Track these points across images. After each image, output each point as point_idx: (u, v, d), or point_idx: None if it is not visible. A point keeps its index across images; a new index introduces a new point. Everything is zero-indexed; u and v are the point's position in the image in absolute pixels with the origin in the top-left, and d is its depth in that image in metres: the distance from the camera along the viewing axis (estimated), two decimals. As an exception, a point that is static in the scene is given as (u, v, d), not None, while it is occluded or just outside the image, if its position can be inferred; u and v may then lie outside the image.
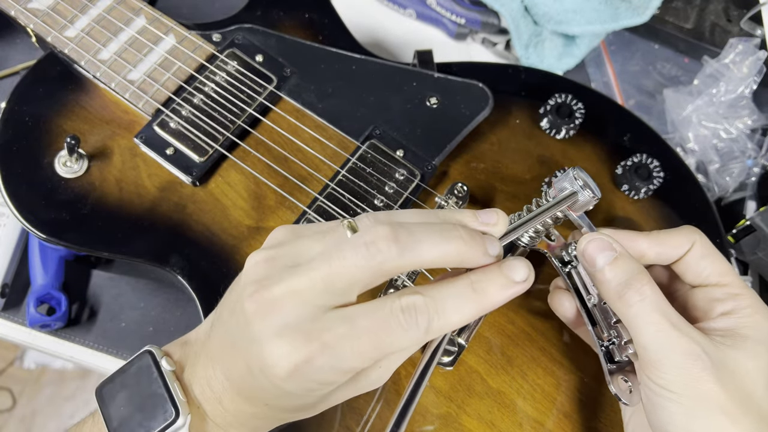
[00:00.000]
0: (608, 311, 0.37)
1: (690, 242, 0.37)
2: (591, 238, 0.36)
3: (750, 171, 0.60)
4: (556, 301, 0.40)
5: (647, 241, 0.37)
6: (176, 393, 0.33)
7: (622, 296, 0.34)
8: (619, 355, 0.36)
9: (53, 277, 0.53)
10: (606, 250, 0.35)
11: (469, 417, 0.42)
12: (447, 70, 0.54)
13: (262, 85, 0.51)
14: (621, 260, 0.35)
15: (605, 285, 0.35)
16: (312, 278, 0.29)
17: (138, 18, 0.52)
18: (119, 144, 0.49)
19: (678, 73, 0.68)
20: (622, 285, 0.34)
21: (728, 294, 0.36)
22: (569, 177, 0.37)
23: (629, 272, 0.34)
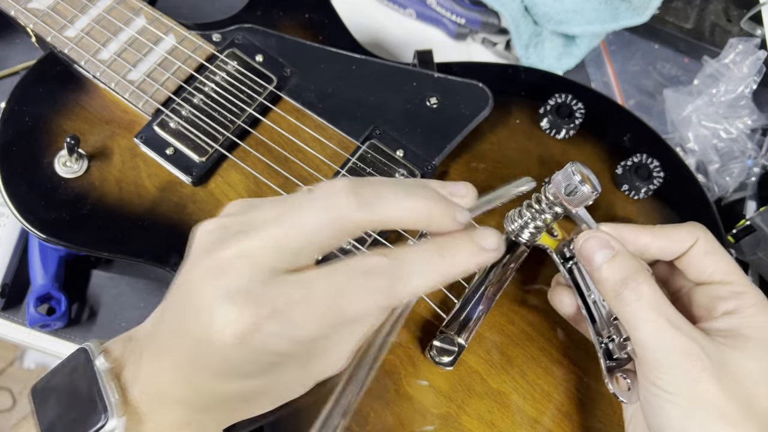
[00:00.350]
0: (608, 309, 0.37)
1: (693, 238, 0.36)
2: (588, 236, 0.35)
3: (750, 171, 0.60)
4: (556, 297, 0.40)
5: (650, 234, 0.37)
6: (109, 393, 0.31)
7: (618, 294, 0.33)
8: (618, 352, 0.36)
9: (53, 277, 0.53)
10: (604, 248, 0.35)
11: (469, 417, 0.42)
12: (447, 70, 0.54)
13: (262, 85, 0.51)
14: (618, 258, 0.34)
15: (602, 283, 0.34)
16: (263, 239, 0.27)
17: (138, 18, 0.52)
18: (119, 144, 0.49)
19: (678, 73, 0.69)
20: (619, 283, 0.33)
21: (732, 292, 0.35)
22: (567, 171, 0.37)
23: (626, 270, 0.34)
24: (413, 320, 0.45)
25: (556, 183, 0.38)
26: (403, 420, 0.42)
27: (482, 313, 0.43)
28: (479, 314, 0.43)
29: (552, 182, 0.38)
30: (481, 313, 0.43)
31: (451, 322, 0.43)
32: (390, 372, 0.43)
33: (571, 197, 0.37)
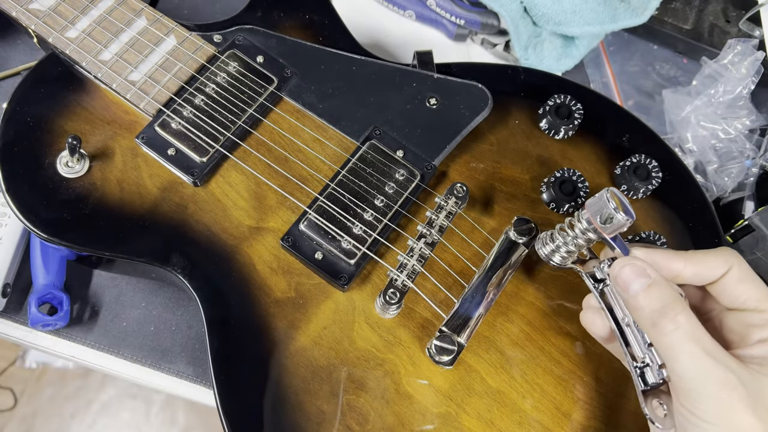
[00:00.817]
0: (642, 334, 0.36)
1: (727, 265, 0.36)
2: (625, 263, 0.35)
3: (748, 171, 0.60)
4: (588, 319, 0.40)
5: (683, 260, 0.37)
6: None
7: (656, 324, 0.33)
8: (654, 377, 0.35)
9: (55, 277, 0.53)
10: (640, 277, 0.35)
11: (468, 416, 0.42)
12: (446, 71, 0.54)
13: (262, 86, 0.51)
14: (655, 287, 0.34)
15: (639, 312, 0.34)
16: None
17: (139, 19, 0.52)
18: (120, 144, 0.49)
19: (677, 73, 0.69)
20: (657, 313, 0.33)
21: (766, 320, 0.35)
22: (602, 198, 0.37)
23: (664, 299, 0.34)
24: (413, 320, 0.45)
25: (591, 210, 0.37)
26: (403, 419, 0.42)
27: (482, 312, 0.43)
28: (479, 314, 0.43)
29: (586, 208, 0.38)
30: (481, 312, 0.43)
31: (451, 322, 0.43)
32: (390, 371, 0.43)
33: (606, 225, 0.37)
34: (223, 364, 0.43)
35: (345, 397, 0.42)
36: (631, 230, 0.49)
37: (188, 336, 0.54)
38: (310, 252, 0.46)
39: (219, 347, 0.43)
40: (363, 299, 0.45)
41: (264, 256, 0.46)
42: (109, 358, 0.54)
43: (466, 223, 0.48)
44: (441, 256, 0.47)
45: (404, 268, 0.44)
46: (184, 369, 0.54)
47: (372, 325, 0.45)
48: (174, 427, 1.31)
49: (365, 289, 0.46)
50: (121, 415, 1.31)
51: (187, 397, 0.56)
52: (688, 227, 0.50)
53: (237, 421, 0.41)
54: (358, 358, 0.43)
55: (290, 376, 0.43)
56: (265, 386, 0.42)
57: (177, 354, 0.54)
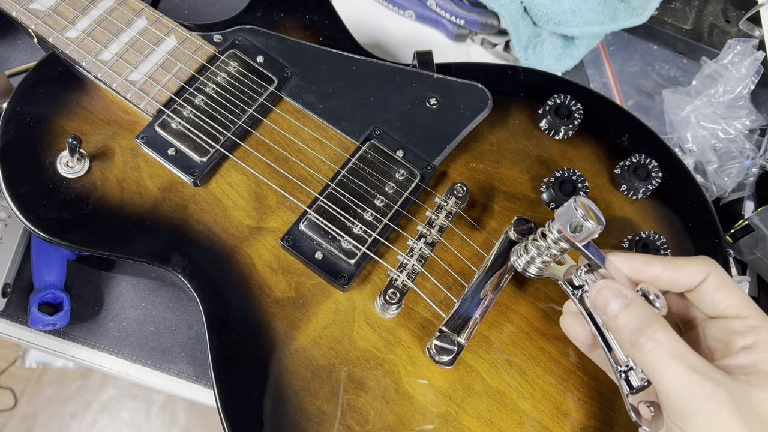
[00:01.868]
0: None
1: (704, 273, 0.36)
2: (600, 286, 0.35)
3: (748, 171, 0.60)
4: (568, 324, 0.40)
5: (661, 265, 0.37)
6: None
7: (635, 343, 0.33)
8: (638, 380, 0.35)
9: (56, 278, 0.53)
10: (616, 297, 0.35)
11: (468, 416, 0.42)
12: (446, 71, 0.54)
13: (262, 86, 0.51)
14: (632, 306, 0.34)
15: (618, 333, 0.34)
16: None
17: (139, 19, 0.52)
18: (121, 144, 0.49)
19: (676, 73, 0.69)
20: (635, 332, 0.33)
21: (748, 327, 0.35)
22: (570, 208, 0.37)
23: (640, 318, 0.34)
24: (413, 320, 0.45)
25: (561, 220, 0.37)
26: (403, 419, 0.42)
27: (482, 312, 0.43)
28: (479, 314, 0.43)
29: (556, 219, 0.38)
30: (481, 312, 0.43)
31: (451, 322, 0.43)
32: (390, 371, 0.43)
33: (577, 234, 0.37)
34: (223, 364, 0.43)
35: (345, 396, 0.42)
36: (630, 230, 0.49)
37: (188, 336, 0.54)
38: (310, 252, 0.46)
39: (219, 347, 0.43)
40: (363, 299, 0.45)
41: (264, 256, 0.46)
42: (109, 358, 0.54)
43: (466, 223, 0.48)
44: (441, 256, 0.47)
45: (404, 268, 0.44)
46: (184, 369, 0.54)
47: (372, 324, 0.45)
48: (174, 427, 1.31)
49: (365, 289, 0.46)
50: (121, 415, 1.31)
51: (187, 397, 0.56)
52: (687, 227, 0.50)
53: (237, 421, 0.41)
54: (358, 357, 0.43)
55: (290, 375, 0.43)
56: (265, 386, 0.42)
57: (177, 354, 0.54)
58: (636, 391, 0.36)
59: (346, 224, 0.46)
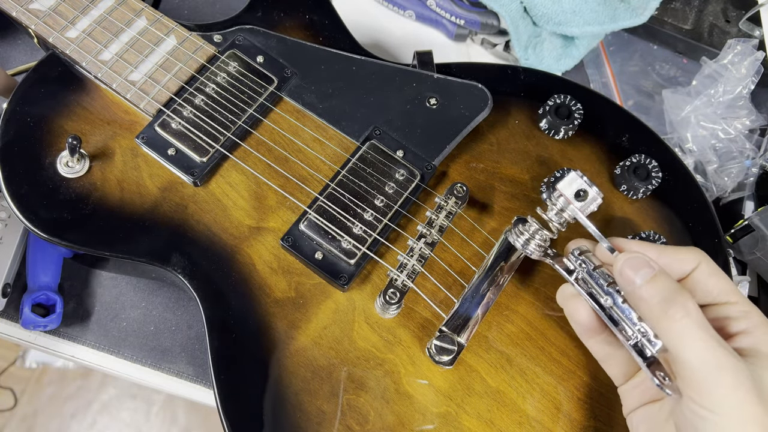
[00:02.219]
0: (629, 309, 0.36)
1: (697, 260, 0.37)
2: (627, 257, 0.35)
3: (748, 171, 0.60)
4: (571, 308, 0.40)
5: (657, 252, 0.37)
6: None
7: (665, 312, 0.33)
8: (651, 349, 0.35)
9: (50, 279, 0.53)
10: (644, 267, 0.35)
11: (468, 416, 0.42)
12: (446, 71, 0.54)
13: (262, 86, 0.51)
14: (660, 277, 0.34)
15: (645, 303, 0.34)
16: None
17: (139, 19, 0.52)
18: (121, 144, 0.49)
19: (676, 73, 0.69)
20: (665, 301, 0.33)
21: (741, 312, 0.35)
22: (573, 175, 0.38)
23: (670, 288, 0.34)
24: (413, 320, 0.45)
25: (564, 188, 0.38)
26: (403, 419, 0.42)
27: (482, 312, 0.43)
28: (479, 314, 0.43)
29: (558, 189, 0.39)
30: (481, 312, 0.43)
31: (451, 322, 0.43)
32: (390, 371, 0.43)
33: (581, 201, 0.38)
34: (223, 364, 0.43)
35: (345, 396, 0.42)
36: (631, 230, 0.49)
37: (188, 336, 0.54)
38: (310, 252, 0.46)
39: (219, 347, 0.43)
40: (363, 299, 0.45)
41: (264, 256, 0.46)
42: (109, 358, 0.54)
43: (466, 223, 0.48)
44: (441, 256, 0.47)
45: (404, 268, 0.44)
46: (184, 369, 0.54)
47: (372, 324, 0.45)
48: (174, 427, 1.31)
49: (365, 289, 0.46)
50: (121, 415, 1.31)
51: (187, 397, 0.56)
52: (687, 227, 0.50)
53: (237, 421, 0.41)
54: (358, 357, 0.43)
55: (290, 375, 0.43)
56: (265, 386, 0.42)
57: (177, 354, 0.54)
58: (652, 361, 0.36)
59: (346, 224, 0.46)
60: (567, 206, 0.39)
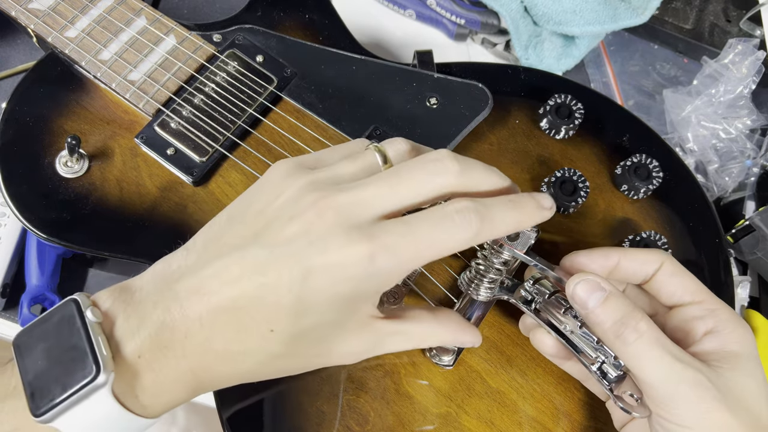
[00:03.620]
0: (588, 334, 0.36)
1: (659, 261, 0.37)
2: (578, 280, 0.35)
3: (749, 171, 0.60)
4: (538, 340, 0.40)
5: (618, 253, 0.37)
6: (99, 347, 0.30)
7: (619, 335, 0.33)
8: (614, 371, 0.36)
9: (49, 278, 0.53)
10: (596, 291, 0.35)
11: (468, 416, 0.42)
12: (447, 71, 0.54)
13: (262, 86, 0.51)
14: (612, 298, 0.34)
15: (600, 326, 0.34)
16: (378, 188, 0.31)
17: (139, 19, 0.52)
18: (120, 144, 0.49)
19: (677, 73, 0.69)
20: (618, 324, 0.34)
21: (706, 310, 0.35)
22: None
23: (622, 309, 0.34)
24: (413, 320, 0.45)
25: None
26: (403, 419, 0.42)
27: (482, 313, 0.43)
28: (479, 314, 0.43)
29: None
30: (481, 313, 0.43)
31: (451, 322, 0.43)
32: (390, 372, 0.43)
33: (514, 241, 0.38)
34: (223, 364, 0.43)
35: (345, 397, 0.42)
36: (631, 230, 0.49)
37: (188, 336, 0.54)
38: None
39: (219, 347, 0.43)
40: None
41: (264, 256, 0.46)
42: (109, 359, 0.54)
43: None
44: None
45: (404, 268, 0.44)
46: (184, 369, 0.54)
47: (372, 325, 0.44)
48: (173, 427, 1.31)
49: (365, 289, 0.46)
50: (121, 415, 1.31)
51: (187, 397, 0.56)
52: (688, 227, 0.50)
53: (237, 421, 0.41)
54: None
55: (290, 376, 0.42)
56: (265, 387, 0.42)
57: (176, 354, 0.54)
58: (616, 382, 0.36)
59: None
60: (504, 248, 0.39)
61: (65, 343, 0.31)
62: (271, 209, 0.32)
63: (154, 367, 0.32)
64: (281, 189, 0.33)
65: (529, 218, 0.34)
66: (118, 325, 0.32)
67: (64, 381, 0.30)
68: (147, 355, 0.31)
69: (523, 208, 0.34)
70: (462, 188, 0.33)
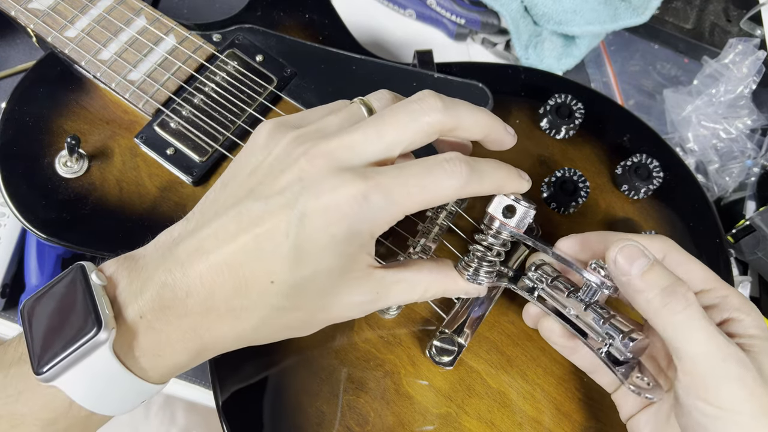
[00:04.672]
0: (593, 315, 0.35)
1: (664, 251, 0.36)
2: (621, 245, 0.33)
3: (749, 171, 0.60)
4: (546, 329, 0.39)
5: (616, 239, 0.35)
6: (102, 307, 0.31)
7: (666, 303, 0.32)
8: (623, 351, 0.34)
9: (49, 278, 0.53)
10: (640, 257, 0.33)
11: (468, 417, 0.42)
12: (447, 71, 0.54)
13: (262, 86, 0.51)
14: (657, 267, 0.33)
15: (643, 294, 0.32)
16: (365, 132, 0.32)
17: (138, 18, 0.52)
18: (120, 144, 0.49)
19: (678, 73, 0.69)
20: (666, 291, 0.32)
21: (719, 297, 0.34)
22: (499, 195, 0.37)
23: (669, 278, 0.32)
24: (413, 320, 0.45)
25: (493, 209, 0.37)
26: (403, 420, 0.42)
27: (482, 313, 0.43)
28: (479, 314, 0.43)
29: (487, 213, 0.37)
30: (481, 313, 0.43)
31: (451, 322, 0.43)
32: (390, 372, 0.43)
33: (511, 219, 0.37)
34: (223, 364, 0.43)
35: (345, 397, 0.42)
36: (632, 230, 0.49)
37: (188, 336, 0.54)
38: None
39: (218, 348, 0.43)
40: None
41: (264, 256, 0.46)
42: (109, 359, 0.54)
43: (466, 223, 0.48)
44: (441, 256, 0.46)
45: (404, 268, 0.44)
46: (184, 369, 0.54)
47: (372, 325, 0.44)
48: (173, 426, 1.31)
49: (365, 289, 0.46)
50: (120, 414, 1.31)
51: (186, 397, 0.56)
52: (689, 227, 0.50)
53: (237, 421, 0.41)
54: (358, 358, 0.43)
55: (290, 376, 0.43)
56: (265, 387, 0.42)
57: (176, 354, 0.54)
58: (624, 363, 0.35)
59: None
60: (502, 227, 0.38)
61: (69, 305, 0.32)
62: (263, 167, 0.33)
63: (155, 326, 0.32)
64: (270, 147, 0.34)
65: (514, 182, 0.35)
66: (120, 288, 0.33)
67: (66, 339, 0.30)
68: (149, 315, 0.32)
69: (510, 171, 0.36)
70: (449, 125, 0.34)
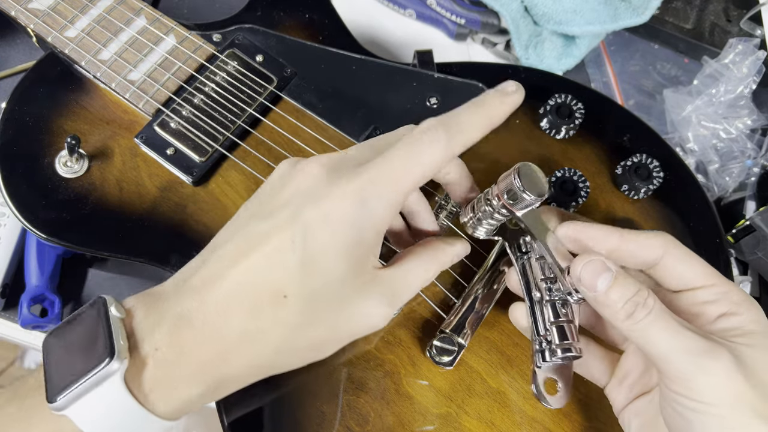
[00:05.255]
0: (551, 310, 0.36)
1: (663, 247, 0.36)
2: (584, 261, 0.34)
3: (749, 171, 0.60)
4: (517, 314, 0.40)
5: (619, 237, 0.36)
6: (117, 338, 0.31)
7: (630, 314, 0.32)
8: (549, 357, 0.36)
9: (48, 278, 0.53)
10: (603, 272, 0.33)
11: (468, 417, 0.42)
12: (447, 71, 0.54)
13: (262, 86, 0.51)
14: (620, 279, 0.33)
15: (610, 308, 0.33)
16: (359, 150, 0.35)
17: (138, 18, 0.52)
18: (120, 144, 0.49)
19: (678, 73, 0.69)
20: (629, 304, 0.33)
21: (719, 294, 0.34)
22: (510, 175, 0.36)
23: (631, 289, 0.33)
24: (413, 320, 0.45)
25: (501, 185, 0.37)
26: (403, 420, 0.42)
27: (482, 312, 0.43)
28: (479, 314, 0.43)
29: (497, 184, 0.37)
30: (481, 312, 0.43)
31: (451, 322, 0.43)
32: (390, 372, 0.43)
33: (514, 202, 0.36)
34: (223, 364, 0.43)
35: (345, 397, 0.42)
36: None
37: (188, 336, 0.54)
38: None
39: (218, 348, 0.43)
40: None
41: (264, 256, 0.46)
42: (109, 359, 0.54)
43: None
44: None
45: (404, 268, 0.44)
46: (184, 369, 0.54)
47: (372, 325, 0.44)
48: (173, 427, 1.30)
49: (365, 289, 0.46)
50: (121, 415, 1.31)
51: (187, 397, 0.56)
52: (689, 227, 0.50)
53: (237, 422, 0.41)
54: (358, 358, 0.43)
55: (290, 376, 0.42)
56: (265, 387, 0.42)
57: (176, 354, 0.54)
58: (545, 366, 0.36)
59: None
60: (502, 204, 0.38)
61: (87, 336, 0.32)
62: (265, 190, 0.35)
63: (170, 358, 0.32)
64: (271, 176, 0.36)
65: (496, 110, 0.35)
66: (137, 320, 0.33)
67: (80, 368, 0.31)
68: (164, 349, 0.32)
69: (488, 103, 0.35)
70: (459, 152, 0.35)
